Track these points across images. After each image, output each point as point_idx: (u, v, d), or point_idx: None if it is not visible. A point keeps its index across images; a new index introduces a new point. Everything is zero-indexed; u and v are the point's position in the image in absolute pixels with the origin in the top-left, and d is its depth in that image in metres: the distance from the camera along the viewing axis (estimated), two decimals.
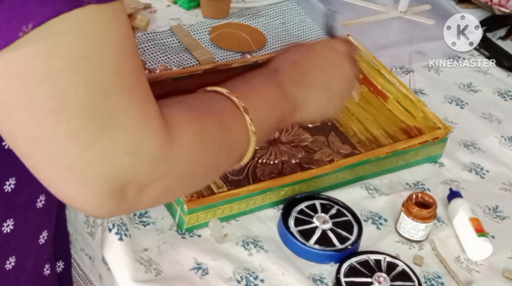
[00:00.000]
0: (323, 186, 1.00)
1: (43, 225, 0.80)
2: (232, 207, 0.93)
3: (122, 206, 0.61)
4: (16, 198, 0.72)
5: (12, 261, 0.76)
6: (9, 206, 0.72)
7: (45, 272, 0.83)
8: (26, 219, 0.75)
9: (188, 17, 1.34)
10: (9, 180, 0.70)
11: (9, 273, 0.76)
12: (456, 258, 0.96)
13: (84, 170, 0.57)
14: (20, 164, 0.70)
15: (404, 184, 1.05)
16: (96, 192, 0.59)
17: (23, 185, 0.72)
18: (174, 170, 0.63)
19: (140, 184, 0.61)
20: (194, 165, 0.67)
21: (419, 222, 0.95)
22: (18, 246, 0.76)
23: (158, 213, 0.94)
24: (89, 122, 0.56)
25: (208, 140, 0.68)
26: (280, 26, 1.36)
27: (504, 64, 1.34)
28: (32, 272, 0.80)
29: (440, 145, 1.08)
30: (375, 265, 0.90)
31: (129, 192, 0.61)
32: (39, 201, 0.76)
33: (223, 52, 1.26)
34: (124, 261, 0.86)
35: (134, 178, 0.60)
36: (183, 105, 0.68)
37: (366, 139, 1.10)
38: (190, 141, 0.65)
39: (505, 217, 1.03)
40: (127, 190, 0.60)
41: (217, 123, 0.71)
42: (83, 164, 0.57)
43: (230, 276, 0.88)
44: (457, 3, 1.49)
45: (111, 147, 0.57)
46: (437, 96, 1.24)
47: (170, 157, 0.62)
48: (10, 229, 0.73)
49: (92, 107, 0.56)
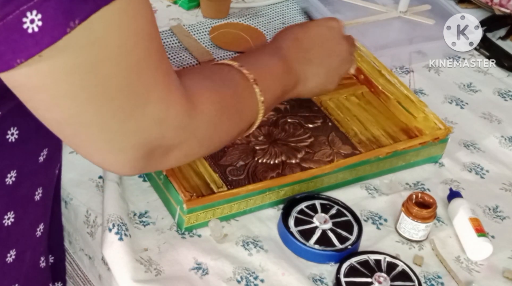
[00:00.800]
0: (323, 186, 1.00)
1: (40, 218, 0.81)
2: (232, 207, 0.93)
3: (150, 165, 0.69)
4: (16, 190, 0.73)
5: (13, 254, 0.76)
6: (10, 199, 0.73)
7: (41, 264, 0.84)
8: (26, 212, 0.76)
9: (188, 17, 1.34)
10: (11, 173, 0.71)
11: (10, 266, 0.76)
12: (456, 258, 0.96)
13: (122, 141, 0.65)
14: (21, 157, 0.71)
15: (404, 184, 1.05)
16: (131, 157, 0.66)
17: (24, 178, 0.73)
18: (195, 135, 0.71)
19: (166, 148, 0.68)
20: (213, 130, 0.74)
21: (419, 222, 0.94)
22: (18, 239, 0.77)
23: (158, 213, 0.94)
24: (126, 100, 0.62)
25: (225, 108, 0.75)
26: (280, 26, 1.36)
27: (504, 64, 1.34)
28: (30, 265, 0.81)
29: (440, 145, 1.08)
30: (375, 265, 0.90)
31: (156, 154, 0.68)
32: (37, 194, 0.77)
33: (223, 52, 1.26)
34: (124, 261, 0.86)
35: (162, 143, 0.67)
36: (200, 76, 0.74)
37: (366, 140, 1.10)
38: (210, 108, 0.72)
39: (505, 217, 1.03)
40: (155, 152, 0.67)
41: (231, 92, 0.78)
42: (121, 136, 0.64)
43: (230, 276, 0.88)
44: (457, 3, 1.49)
45: (143, 119, 0.64)
46: (437, 96, 1.24)
47: (193, 123, 0.69)
48: (11, 222, 0.74)
49: (128, 88, 0.61)
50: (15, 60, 0.55)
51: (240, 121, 0.81)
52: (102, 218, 0.91)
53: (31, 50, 0.54)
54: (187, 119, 0.68)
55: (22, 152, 0.71)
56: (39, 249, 0.83)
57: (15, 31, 0.53)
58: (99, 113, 0.61)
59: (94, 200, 0.95)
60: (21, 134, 0.70)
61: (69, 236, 0.98)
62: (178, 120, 0.67)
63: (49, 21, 0.53)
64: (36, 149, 0.74)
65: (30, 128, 0.70)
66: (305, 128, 1.10)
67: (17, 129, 0.69)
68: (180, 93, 0.67)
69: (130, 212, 0.93)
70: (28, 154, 0.73)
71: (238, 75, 0.80)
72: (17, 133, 0.69)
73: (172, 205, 0.92)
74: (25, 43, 0.54)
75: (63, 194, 0.96)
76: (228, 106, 0.76)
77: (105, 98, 0.61)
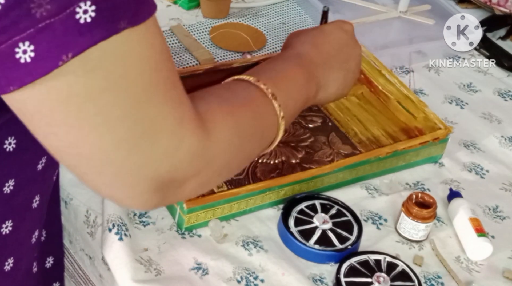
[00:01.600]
0: (323, 186, 1.00)
1: (36, 225, 0.80)
2: (231, 207, 0.93)
3: (165, 199, 0.65)
4: (14, 199, 0.72)
5: (11, 262, 0.76)
6: (8, 208, 0.72)
7: (33, 270, 0.84)
8: (23, 220, 0.75)
9: (188, 17, 1.34)
10: (9, 182, 0.70)
11: (7, 274, 0.76)
12: (456, 258, 0.96)
13: (129, 175, 0.61)
14: (18, 166, 0.70)
15: (404, 184, 1.05)
16: (141, 192, 0.62)
17: (21, 187, 0.72)
18: (211, 164, 0.66)
19: (181, 180, 0.64)
20: (231, 156, 0.70)
21: (419, 222, 0.94)
22: (15, 247, 0.76)
23: (158, 213, 0.94)
24: (130, 132, 0.58)
25: (242, 130, 0.71)
26: (280, 26, 1.36)
27: (504, 64, 1.34)
28: (25, 271, 0.81)
29: (440, 145, 1.08)
30: (375, 265, 0.90)
31: (171, 187, 0.63)
32: (35, 202, 0.76)
33: (223, 52, 1.26)
34: (124, 261, 0.86)
35: (175, 176, 0.63)
36: (214, 97, 0.70)
37: (366, 139, 1.10)
38: (226, 134, 0.67)
39: (505, 217, 1.03)
40: (169, 186, 0.63)
41: (248, 111, 0.73)
42: (127, 170, 0.60)
43: (230, 276, 0.88)
44: (457, 3, 1.49)
45: (152, 152, 0.60)
46: (437, 96, 1.24)
47: (208, 153, 0.65)
48: (8, 230, 0.73)
49: (132, 119, 0.58)
50: (9, 87, 0.54)
51: (260, 141, 0.77)
52: (102, 218, 0.91)
53: (24, 79, 0.53)
54: (201, 150, 0.64)
55: (20, 161, 0.70)
56: (32, 255, 0.82)
57: (8, 59, 0.53)
58: (100, 144, 0.58)
59: (94, 200, 0.95)
60: (18, 143, 0.69)
61: (70, 236, 0.98)
62: (192, 151, 0.63)
63: (42, 53, 0.52)
64: (35, 157, 0.73)
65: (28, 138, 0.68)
66: (305, 128, 1.10)
67: (14, 138, 0.68)
68: (193, 123, 0.63)
69: (130, 212, 0.93)
70: (26, 163, 0.72)
71: (255, 91, 0.76)
72: (15, 142, 0.68)
73: (172, 205, 0.92)
74: (18, 72, 0.53)
75: (63, 194, 0.96)
76: (246, 128, 0.72)
77: (106, 129, 0.58)
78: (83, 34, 0.53)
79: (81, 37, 0.53)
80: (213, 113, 0.67)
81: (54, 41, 0.52)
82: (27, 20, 0.52)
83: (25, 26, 0.52)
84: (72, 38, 0.52)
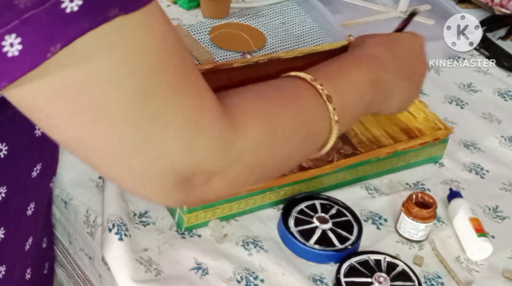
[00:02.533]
0: (323, 186, 1.00)
1: (30, 232, 0.79)
2: (231, 207, 0.93)
3: (193, 196, 0.62)
4: (7, 206, 0.71)
5: (3, 270, 0.75)
6: (1, 215, 0.71)
7: (26, 277, 0.82)
8: (17, 227, 0.74)
9: (188, 17, 1.34)
10: (1, 189, 0.69)
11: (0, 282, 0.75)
12: (456, 258, 0.96)
13: (142, 169, 0.58)
14: (12, 173, 0.69)
15: (404, 184, 1.05)
16: (161, 186, 0.59)
17: (15, 194, 0.71)
18: (240, 160, 0.63)
19: (206, 175, 0.61)
20: (264, 155, 0.66)
21: (419, 222, 0.94)
22: (9, 255, 0.75)
23: (158, 213, 0.94)
24: (134, 126, 0.56)
25: (281, 130, 0.67)
26: (280, 26, 1.36)
27: (504, 64, 1.34)
28: (18, 279, 0.80)
29: (441, 146, 1.08)
30: (375, 265, 0.90)
31: (197, 182, 0.61)
32: (29, 209, 0.75)
33: (223, 52, 1.26)
34: (124, 261, 0.86)
35: (198, 170, 0.60)
36: (251, 93, 0.67)
37: (366, 140, 1.10)
38: (256, 131, 0.64)
39: (505, 217, 1.03)
40: (195, 181, 0.60)
41: (291, 111, 0.69)
42: (139, 164, 0.58)
43: (230, 276, 0.88)
44: (457, 3, 1.49)
45: (164, 146, 0.57)
46: (437, 96, 1.24)
47: (234, 148, 0.61)
48: (1, 238, 0.72)
49: (134, 113, 0.55)
50: (1, 83, 0.53)
51: (304, 144, 0.71)
52: (102, 218, 0.91)
53: (13, 74, 0.52)
54: (224, 144, 0.60)
55: (13, 167, 0.69)
56: (26, 262, 0.81)
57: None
58: (104, 137, 0.56)
59: (94, 200, 0.95)
60: (10, 149, 0.67)
61: (69, 236, 0.98)
62: (213, 145, 0.59)
63: (29, 45, 0.51)
64: (29, 164, 0.71)
65: (21, 143, 0.68)
66: None
67: (5, 145, 0.67)
68: (214, 115, 0.60)
69: (130, 212, 0.93)
70: (19, 169, 0.70)
71: (308, 91, 0.71)
72: (6, 149, 0.67)
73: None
74: (7, 67, 0.51)
75: (63, 194, 0.96)
76: (286, 129, 0.67)
77: (108, 122, 0.55)
78: (70, 24, 0.50)
79: (69, 27, 0.50)
80: (243, 109, 0.64)
81: (40, 32, 0.50)
82: (10, 11, 0.50)
83: (9, 18, 0.50)
84: (59, 28, 0.50)
